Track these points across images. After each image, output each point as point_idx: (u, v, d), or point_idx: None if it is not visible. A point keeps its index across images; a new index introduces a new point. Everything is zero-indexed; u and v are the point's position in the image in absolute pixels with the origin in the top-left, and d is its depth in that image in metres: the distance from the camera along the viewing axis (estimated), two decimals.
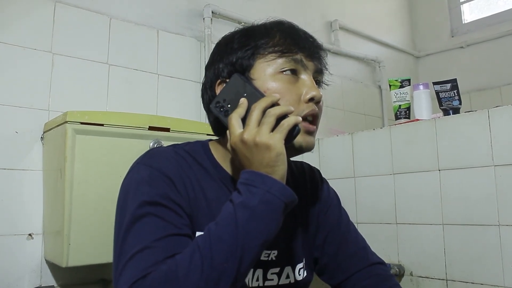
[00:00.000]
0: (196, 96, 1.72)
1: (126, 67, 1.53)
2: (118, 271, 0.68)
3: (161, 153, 0.81)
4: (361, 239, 0.99)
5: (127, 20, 1.57)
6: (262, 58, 0.79)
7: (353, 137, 1.67)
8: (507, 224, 1.23)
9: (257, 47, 0.79)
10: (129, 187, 0.76)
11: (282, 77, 0.78)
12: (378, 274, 0.93)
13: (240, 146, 0.71)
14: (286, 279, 0.87)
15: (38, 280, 1.27)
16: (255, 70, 0.79)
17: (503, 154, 1.25)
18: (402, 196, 1.50)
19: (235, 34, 0.84)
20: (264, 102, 0.72)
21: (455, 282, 1.34)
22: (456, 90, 1.50)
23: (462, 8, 2.87)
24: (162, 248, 0.68)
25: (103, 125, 1.18)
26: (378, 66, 2.64)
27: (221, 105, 0.77)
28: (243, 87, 0.76)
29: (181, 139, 1.30)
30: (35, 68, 1.33)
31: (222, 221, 0.68)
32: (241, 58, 0.79)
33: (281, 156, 0.69)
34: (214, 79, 0.83)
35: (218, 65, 0.82)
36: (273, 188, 0.68)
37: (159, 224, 0.71)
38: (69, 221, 1.10)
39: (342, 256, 0.95)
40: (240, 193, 0.69)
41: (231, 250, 0.65)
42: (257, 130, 0.70)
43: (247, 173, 0.70)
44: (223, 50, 0.83)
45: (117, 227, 0.75)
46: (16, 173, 1.27)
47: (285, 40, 0.79)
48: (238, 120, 0.73)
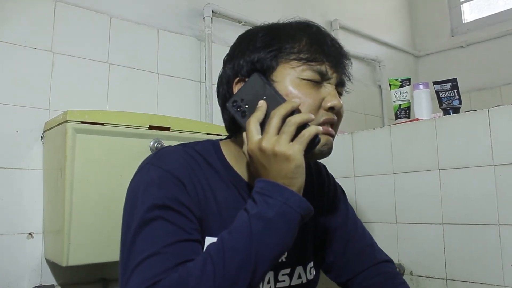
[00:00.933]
0: (197, 96, 1.72)
1: (127, 66, 1.53)
2: (126, 276, 0.67)
3: (171, 154, 0.78)
4: (368, 236, 0.99)
5: (128, 19, 1.57)
6: (285, 63, 0.76)
7: (353, 136, 1.67)
8: (507, 223, 1.23)
9: (281, 51, 0.77)
10: (138, 189, 0.74)
11: (304, 83, 0.76)
12: (385, 272, 0.93)
13: (258, 154, 0.69)
14: (298, 280, 0.87)
15: (38, 279, 1.27)
16: (277, 72, 0.76)
17: (503, 153, 1.25)
18: (402, 196, 1.50)
19: (259, 31, 0.81)
20: (284, 109, 0.69)
21: (455, 281, 1.34)
22: (456, 89, 1.50)
23: (462, 8, 2.87)
24: (172, 254, 0.67)
25: (103, 124, 1.18)
26: (378, 66, 2.65)
27: (238, 104, 0.74)
28: (262, 88, 0.73)
29: (181, 138, 1.30)
30: (36, 67, 1.33)
31: (236, 231, 0.66)
32: (263, 58, 0.77)
33: (300, 168, 0.67)
34: (232, 76, 0.80)
35: (238, 61, 0.79)
36: (290, 200, 0.66)
37: (169, 228, 0.69)
38: (69, 220, 1.10)
39: (350, 254, 0.94)
40: (255, 202, 0.67)
41: (244, 262, 0.63)
42: (277, 138, 0.67)
43: (263, 182, 0.68)
44: (245, 46, 0.80)
45: (124, 229, 0.73)
46: (16, 172, 1.27)
47: (311, 46, 0.77)
48: (256, 125, 0.70)
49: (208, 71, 1.71)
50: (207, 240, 0.75)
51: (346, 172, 1.67)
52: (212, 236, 0.74)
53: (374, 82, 2.64)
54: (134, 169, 0.79)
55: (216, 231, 0.74)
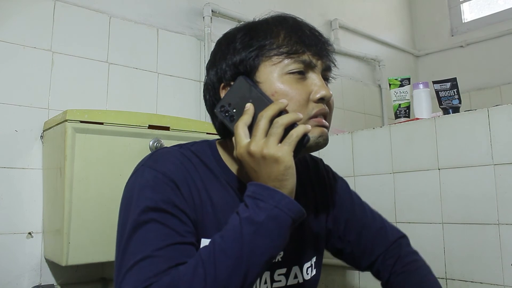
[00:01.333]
0: (196, 95, 1.72)
1: (126, 66, 1.53)
2: (119, 279, 0.66)
3: (167, 155, 0.77)
4: (378, 218, 1.00)
5: (127, 18, 1.56)
6: (267, 60, 0.75)
7: (352, 136, 1.67)
8: (507, 223, 1.23)
9: (261, 48, 0.75)
10: (132, 191, 0.73)
11: (289, 78, 0.74)
12: (399, 252, 0.95)
13: (247, 158, 0.68)
14: (294, 279, 0.86)
15: (38, 279, 1.27)
16: (260, 72, 0.75)
17: (502, 153, 1.25)
18: (402, 195, 1.50)
19: (237, 32, 0.80)
20: (272, 111, 0.68)
21: (455, 280, 1.34)
22: (456, 89, 1.50)
23: (462, 7, 2.87)
24: (165, 257, 0.66)
25: (102, 123, 1.18)
26: (378, 65, 2.64)
27: (226, 109, 0.74)
28: (248, 91, 0.73)
29: (180, 137, 1.30)
30: (35, 66, 1.33)
31: (228, 234, 0.65)
32: (245, 59, 0.76)
33: (290, 170, 0.67)
34: (217, 81, 0.80)
35: (221, 66, 0.79)
36: (281, 203, 0.65)
37: (162, 231, 0.68)
38: (68, 219, 1.10)
39: (365, 241, 0.95)
40: (247, 206, 0.66)
41: (235, 266, 0.63)
42: (265, 141, 0.67)
43: (254, 185, 0.68)
44: (226, 50, 0.79)
45: (119, 231, 0.73)
46: (16, 171, 1.27)
47: (290, 39, 0.76)
48: (244, 129, 0.70)
49: None
50: (203, 242, 0.74)
51: (346, 171, 1.67)
52: (208, 238, 0.74)
53: (374, 81, 2.64)
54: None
55: (212, 233, 0.73)
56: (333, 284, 1.64)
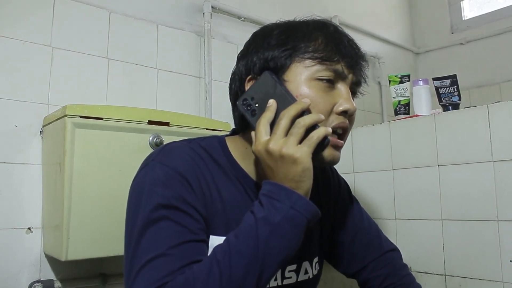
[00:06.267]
0: (196, 91, 1.72)
1: (126, 62, 1.53)
2: (132, 277, 0.66)
3: (177, 150, 0.76)
4: (374, 227, 1.00)
5: (127, 14, 1.56)
6: (299, 62, 0.74)
7: (352, 132, 1.67)
8: (506, 219, 1.23)
9: (296, 49, 0.75)
10: (143, 187, 0.72)
11: (317, 84, 0.74)
12: (392, 263, 0.95)
13: (264, 155, 0.68)
14: (305, 275, 0.86)
15: (38, 274, 1.27)
16: (289, 72, 0.74)
17: (502, 149, 1.25)
18: (401, 192, 1.50)
19: (275, 28, 0.79)
20: (294, 110, 0.68)
21: (454, 277, 1.34)
22: (455, 86, 1.50)
23: (462, 5, 2.87)
24: (178, 256, 0.66)
25: (102, 119, 1.17)
26: (377, 62, 2.64)
27: (249, 103, 0.73)
28: (273, 87, 0.72)
29: (180, 133, 1.30)
30: (35, 62, 1.33)
31: (243, 235, 0.65)
32: (277, 57, 0.75)
33: (307, 172, 0.66)
34: (244, 73, 0.79)
35: (252, 58, 0.78)
36: (298, 204, 0.65)
37: (175, 229, 0.68)
38: (68, 215, 1.10)
39: (357, 245, 0.95)
40: (262, 205, 0.66)
41: (250, 266, 0.63)
42: (284, 140, 0.66)
43: (270, 184, 0.67)
44: (260, 43, 0.78)
45: (129, 227, 0.72)
46: (15, 167, 1.27)
47: (326, 45, 0.75)
48: (266, 126, 0.69)
49: (208, 66, 1.71)
50: (211, 239, 0.74)
51: (345, 168, 1.67)
52: (216, 235, 0.74)
53: (373, 78, 2.64)
54: (133, 164, 0.79)
55: (221, 230, 0.73)
56: (332, 281, 1.64)
